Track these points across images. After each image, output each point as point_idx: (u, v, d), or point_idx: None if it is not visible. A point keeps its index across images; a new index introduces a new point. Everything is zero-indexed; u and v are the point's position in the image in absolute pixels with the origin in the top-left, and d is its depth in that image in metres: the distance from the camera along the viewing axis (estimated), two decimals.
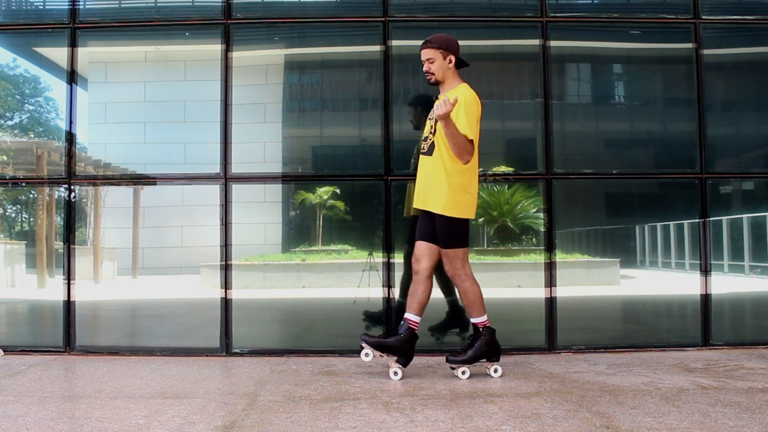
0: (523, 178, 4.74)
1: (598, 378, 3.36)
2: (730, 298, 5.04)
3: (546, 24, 4.36)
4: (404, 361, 3.43)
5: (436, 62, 3.47)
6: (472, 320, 3.48)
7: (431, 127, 3.49)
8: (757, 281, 6.27)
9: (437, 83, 3.52)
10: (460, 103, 3.30)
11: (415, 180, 3.61)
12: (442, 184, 3.39)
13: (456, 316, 4.21)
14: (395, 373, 3.40)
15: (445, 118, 3.23)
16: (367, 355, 3.43)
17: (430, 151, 3.46)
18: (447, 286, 4.18)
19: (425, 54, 3.48)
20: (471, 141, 3.34)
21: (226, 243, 4.26)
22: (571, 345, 4.20)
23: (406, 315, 3.47)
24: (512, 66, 5.21)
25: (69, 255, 4.27)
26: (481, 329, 3.43)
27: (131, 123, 5.57)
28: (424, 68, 3.50)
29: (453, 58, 3.47)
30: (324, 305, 5.54)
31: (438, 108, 3.25)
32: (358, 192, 4.48)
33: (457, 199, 3.38)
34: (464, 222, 3.44)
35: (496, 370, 3.44)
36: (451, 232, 3.40)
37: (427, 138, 3.51)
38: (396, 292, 4.19)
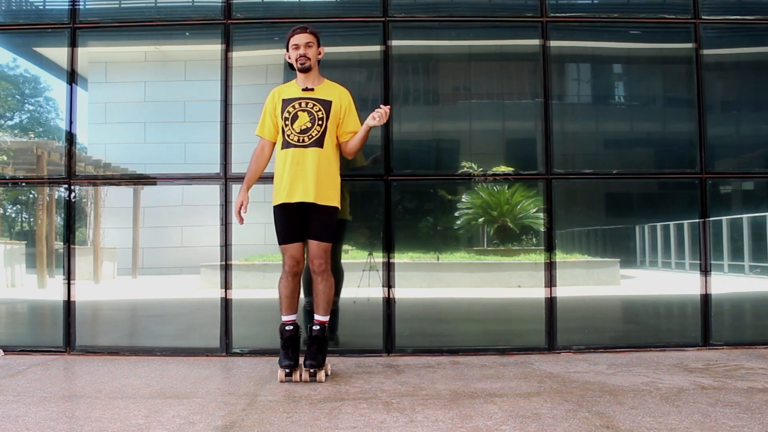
0: (523, 178, 4.74)
1: (598, 378, 3.36)
2: (730, 298, 5.04)
3: (546, 24, 4.36)
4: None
5: (312, 48, 3.50)
6: (323, 318, 3.48)
7: (312, 119, 3.43)
8: (757, 281, 6.26)
9: (307, 70, 3.50)
10: (348, 103, 3.53)
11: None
12: (335, 178, 3.50)
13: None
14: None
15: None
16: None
17: (320, 144, 3.42)
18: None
19: (306, 38, 3.47)
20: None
21: (226, 243, 4.26)
22: (571, 345, 4.20)
23: (320, 317, 3.50)
24: (512, 66, 5.21)
25: (69, 255, 4.27)
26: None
27: (131, 123, 5.56)
28: (302, 51, 3.46)
29: (323, 52, 3.58)
30: None
31: (382, 118, 3.41)
32: (358, 192, 4.48)
33: (340, 192, 3.54)
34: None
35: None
36: (333, 225, 3.48)
37: (307, 129, 3.43)
38: (396, 293, 4.19)
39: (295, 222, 3.44)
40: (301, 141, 3.42)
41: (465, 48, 3.70)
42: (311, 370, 3.33)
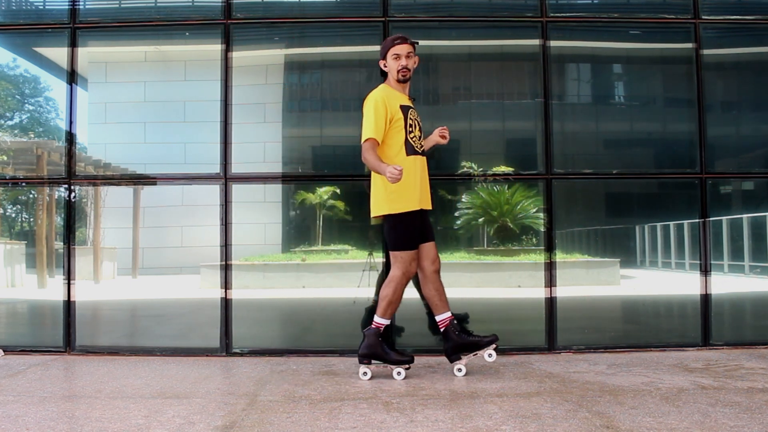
0: (523, 178, 4.74)
1: (598, 378, 3.36)
2: (730, 298, 5.04)
3: (546, 24, 4.36)
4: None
5: (411, 59, 3.53)
6: (446, 315, 3.51)
7: (420, 129, 3.56)
8: (757, 281, 6.26)
9: (407, 81, 3.56)
10: None
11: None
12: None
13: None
14: (399, 373, 3.43)
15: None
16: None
17: (424, 152, 3.58)
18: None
19: (407, 48, 3.51)
20: None
21: (226, 243, 4.26)
22: (571, 345, 4.20)
23: (446, 315, 3.51)
24: (512, 66, 5.21)
25: (69, 255, 4.27)
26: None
27: (131, 123, 5.56)
28: (403, 63, 3.48)
29: (417, 61, 3.61)
30: (324, 305, 5.53)
31: (447, 140, 3.64)
32: (358, 192, 4.48)
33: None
34: None
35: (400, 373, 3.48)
36: None
37: (419, 138, 3.56)
38: None
39: (420, 228, 3.53)
40: (421, 149, 3.56)
41: (465, 48, 3.70)
42: (495, 345, 3.48)
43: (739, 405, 2.75)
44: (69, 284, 4.27)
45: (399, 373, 3.42)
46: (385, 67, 3.55)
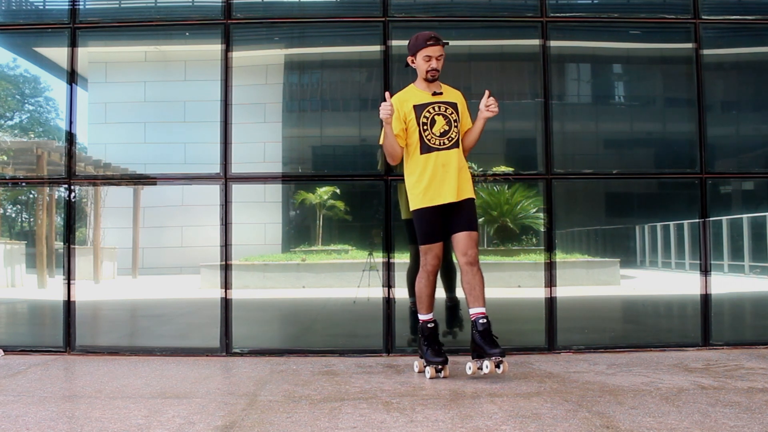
0: (523, 178, 4.75)
1: (598, 378, 3.36)
2: (730, 298, 5.04)
3: (546, 24, 4.36)
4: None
5: (441, 60, 3.56)
6: (474, 311, 3.45)
7: (448, 121, 3.53)
8: (757, 281, 6.27)
9: (435, 81, 3.58)
10: (464, 102, 3.63)
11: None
12: (468, 173, 3.59)
13: (456, 313, 4.22)
14: (426, 372, 3.44)
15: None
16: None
17: (457, 144, 3.55)
18: (450, 283, 4.18)
19: (439, 50, 3.53)
20: None
21: (226, 243, 4.26)
22: (571, 345, 4.20)
23: (474, 310, 3.43)
24: (512, 66, 5.21)
25: (69, 255, 4.27)
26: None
27: (131, 123, 5.57)
28: (434, 64, 3.52)
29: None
30: (324, 305, 5.54)
31: (495, 107, 3.55)
32: (358, 192, 4.48)
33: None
34: None
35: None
36: (476, 214, 3.60)
37: (446, 132, 3.53)
38: (396, 293, 4.19)
39: (439, 222, 3.52)
40: (442, 144, 3.51)
41: (465, 48, 3.70)
42: (500, 359, 3.31)
43: (739, 405, 2.75)
44: (69, 284, 4.26)
45: (424, 372, 3.44)
46: (414, 64, 3.58)
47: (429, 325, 3.51)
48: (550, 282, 4.24)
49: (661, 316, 5.43)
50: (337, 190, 5.87)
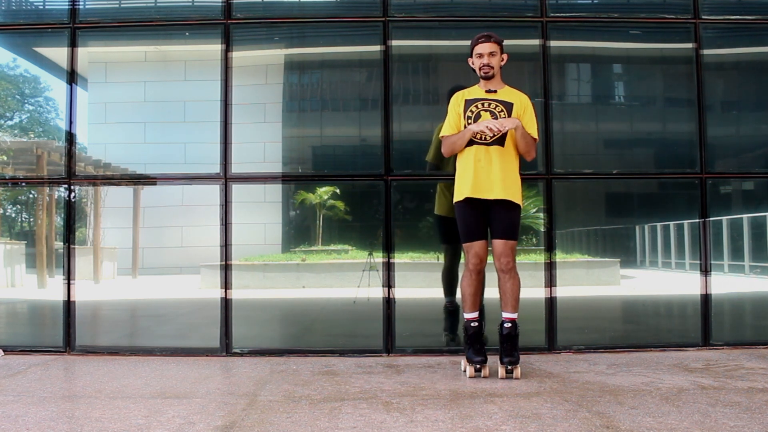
0: (523, 178, 4.75)
1: (598, 378, 3.36)
2: (730, 298, 5.04)
3: (546, 24, 4.36)
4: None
5: (496, 57, 3.58)
6: (513, 315, 3.48)
7: (495, 118, 3.52)
8: (757, 281, 6.27)
9: (491, 78, 3.59)
10: (527, 106, 3.60)
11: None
12: (517, 177, 3.58)
13: (455, 318, 4.22)
14: (464, 371, 3.47)
15: (514, 128, 3.47)
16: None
17: (502, 141, 3.51)
18: (450, 288, 4.18)
19: (489, 47, 3.56)
20: (535, 140, 3.62)
21: (226, 243, 4.26)
22: (571, 345, 4.20)
23: (505, 314, 3.47)
24: (512, 66, 5.20)
25: (69, 255, 4.27)
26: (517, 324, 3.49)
27: (131, 123, 5.57)
28: (485, 61, 3.54)
29: (506, 58, 3.64)
30: (324, 305, 5.54)
31: (508, 122, 3.46)
32: (358, 192, 4.48)
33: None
34: None
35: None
36: (518, 223, 3.56)
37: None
38: (396, 293, 4.19)
39: (479, 220, 3.51)
40: (483, 138, 3.50)
41: (465, 48, 3.70)
42: (509, 367, 3.37)
43: (739, 405, 2.75)
44: (69, 284, 4.26)
45: (465, 371, 3.46)
46: (473, 64, 3.63)
47: (472, 324, 3.52)
48: (550, 282, 4.24)
49: (661, 316, 5.43)
50: (337, 190, 5.87)
